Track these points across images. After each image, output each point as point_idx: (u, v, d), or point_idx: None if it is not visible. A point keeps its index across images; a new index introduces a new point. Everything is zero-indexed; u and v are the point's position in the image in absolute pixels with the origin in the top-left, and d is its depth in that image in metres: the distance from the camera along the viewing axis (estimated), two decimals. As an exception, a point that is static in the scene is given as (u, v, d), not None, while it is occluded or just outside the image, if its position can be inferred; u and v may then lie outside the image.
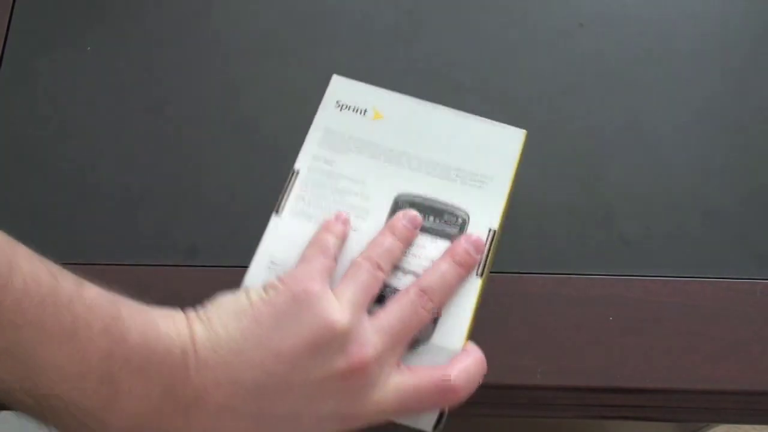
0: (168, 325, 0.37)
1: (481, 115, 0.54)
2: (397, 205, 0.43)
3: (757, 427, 1.00)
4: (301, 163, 0.43)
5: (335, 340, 0.37)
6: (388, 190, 0.43)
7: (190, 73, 0.55)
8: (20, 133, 0.53)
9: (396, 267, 0.42)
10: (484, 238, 0.42)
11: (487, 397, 0.47)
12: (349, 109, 0.44)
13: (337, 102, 0.44)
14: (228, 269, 0.49)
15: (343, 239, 0.42)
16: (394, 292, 0.41)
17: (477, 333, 0.47)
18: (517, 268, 0.49)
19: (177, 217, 0.50)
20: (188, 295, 0.48)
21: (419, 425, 0.42)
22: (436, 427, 0.42)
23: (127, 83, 0.54)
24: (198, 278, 0.48)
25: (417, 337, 0.41)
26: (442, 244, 0.43)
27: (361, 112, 0.44)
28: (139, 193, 0.51)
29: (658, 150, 0.53)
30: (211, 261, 0.49)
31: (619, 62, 0.56)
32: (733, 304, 0.49)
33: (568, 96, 0.55)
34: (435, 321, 0.42)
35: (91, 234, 0.50)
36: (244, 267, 0.44)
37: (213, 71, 0.55)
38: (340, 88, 0.45)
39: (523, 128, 0.53)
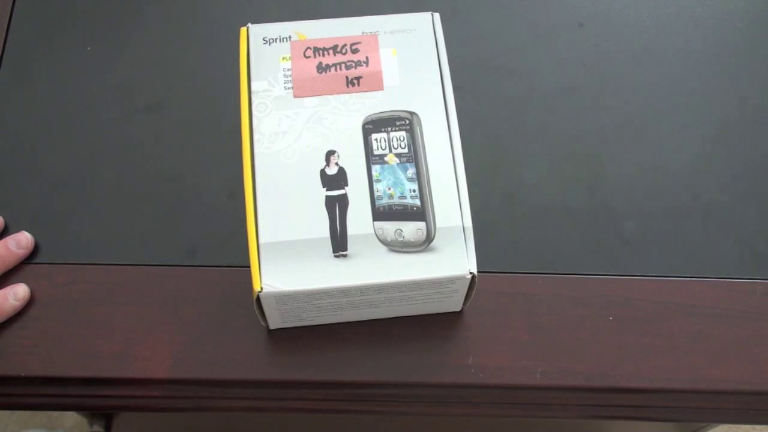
0: None
1: (480, 115, 0.54)
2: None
3: (757, 427, 1.01)
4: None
5: None
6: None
7: (190, 73, 0.55)
8: (20, 133, 0.53)
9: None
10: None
11: (487, 397, 0.47)
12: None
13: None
14: (228, 269, 0.49)
15: None
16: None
17: (477, 333, 0.47)
18: (517, 268, 0.49)
19: (177, 217, 0.50)
20: (188, 295, 0.48)
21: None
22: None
23: (127, 83, 0.54)
24: (198, 278, 0.48)
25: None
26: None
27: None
28: (139, 193, 0.51)
29: (657, 150, 0.53)
30: (211, 261, 0.49)
31: (619, 62, 0.56)
32: (733, 304, 0.49)
33: (567, 96, 0.55)
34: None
35: (91, 234, 0.50)
36: (244, 267, 0.44)
37: (213, 71, 0.55)
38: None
39: (523, 128, 0.53)
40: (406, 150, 0.44)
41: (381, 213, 0.43)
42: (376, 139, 0.44)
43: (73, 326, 0.47)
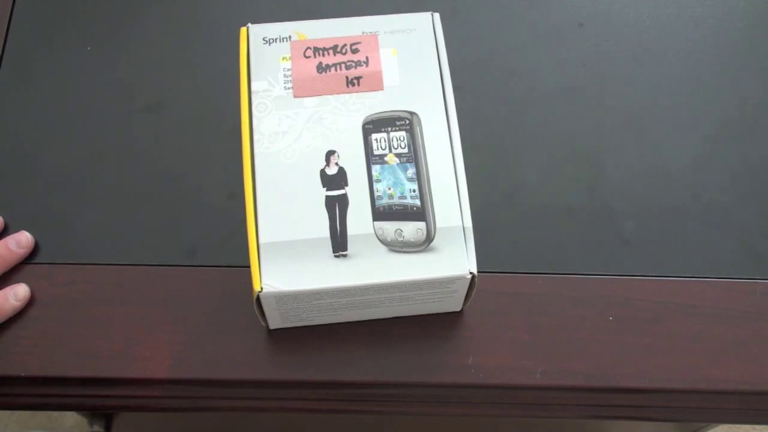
0: None
1: (479, 115, 0.54)
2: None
3: (757, 427, 1.01)
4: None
5: None
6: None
7: (190, 73, 0.55)
8: (20, 133, 0.53)
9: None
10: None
11: (487, 397, 0.47)
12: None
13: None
14: (228, 269, 0.49)
15: None
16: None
17: (477, 333, 0.47)
18: (517, 268, 0.49)
19: (177, 217, 0.50)
20: (188, 295, 0.48)
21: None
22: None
23: (127, 83, 0.54)
24: (198, 278, 0.48)
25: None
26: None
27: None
28: (139, 193, 0.51)
29: (657, 150, 0.53)
30: (211, 261, 0.49)
31: (619, 62, 0.56)
32: (733, 304, 0.49)
33: (567, 96, 0.55)
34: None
35: (91, 234, 0.50)
36: (244, 267, 0.44)
37: (213, 71, 0.55)
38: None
39: (523, 128, 0.53)
40: (406, 150, 0.44)
41: (381, 213, 0.43)
42: (376, 139, 0.44)
43: (73, 326, 0.47)
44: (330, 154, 0.44)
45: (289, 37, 0.47)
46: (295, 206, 0.43)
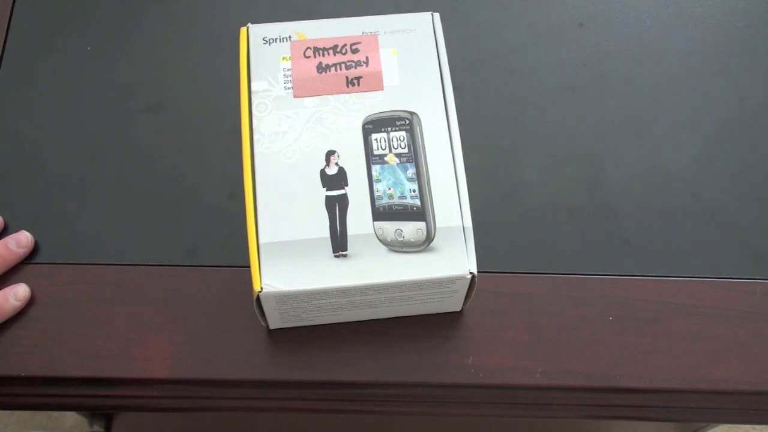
0: None
1: (479, 115, 0.54)
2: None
3: (757, 427, 1.01)
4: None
5: None
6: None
7: (190, 73, 0.55)
8: (20, 133, 0.53)
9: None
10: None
11: (487, 397, 0.47)
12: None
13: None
14: (228, 269, 0.49)
15: None
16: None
17: (477, 333, 0.47)
18: (517, 268, 0.49)
19: (177, 217, 0.50)
20: (188, 295, 0.48)
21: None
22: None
23: (127, 83, 0.54)
24: (198, 278, 0.48)
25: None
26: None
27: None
28: (139, 193, 0.51)
29: (657, 150, 0.53)
30: (211, 261, 0.49)
31: (619, 62, 0.56)
32: (733, 304, 0.49)
33: (568, 96, 0.55)
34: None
35: (91, 234, 0.50)
36: (244, 267, 0.44)
37: (213, 71, 0.55)
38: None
39: (523, 128, 0.53)
40: (406, 150, 0.44)
41: (381, 213, 0.43)
42: (376, 139, 0.44)
43: (73, 326, 0.47)
44: (330, 154, 0.44)
45: (289, 37, 0.47)
46: (295, 206, 0.43)
